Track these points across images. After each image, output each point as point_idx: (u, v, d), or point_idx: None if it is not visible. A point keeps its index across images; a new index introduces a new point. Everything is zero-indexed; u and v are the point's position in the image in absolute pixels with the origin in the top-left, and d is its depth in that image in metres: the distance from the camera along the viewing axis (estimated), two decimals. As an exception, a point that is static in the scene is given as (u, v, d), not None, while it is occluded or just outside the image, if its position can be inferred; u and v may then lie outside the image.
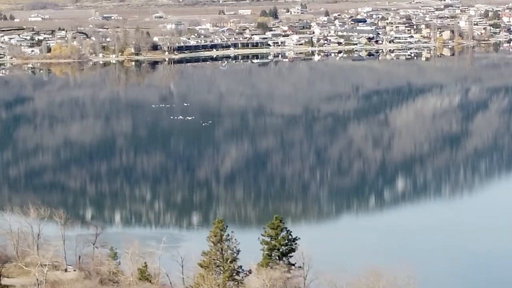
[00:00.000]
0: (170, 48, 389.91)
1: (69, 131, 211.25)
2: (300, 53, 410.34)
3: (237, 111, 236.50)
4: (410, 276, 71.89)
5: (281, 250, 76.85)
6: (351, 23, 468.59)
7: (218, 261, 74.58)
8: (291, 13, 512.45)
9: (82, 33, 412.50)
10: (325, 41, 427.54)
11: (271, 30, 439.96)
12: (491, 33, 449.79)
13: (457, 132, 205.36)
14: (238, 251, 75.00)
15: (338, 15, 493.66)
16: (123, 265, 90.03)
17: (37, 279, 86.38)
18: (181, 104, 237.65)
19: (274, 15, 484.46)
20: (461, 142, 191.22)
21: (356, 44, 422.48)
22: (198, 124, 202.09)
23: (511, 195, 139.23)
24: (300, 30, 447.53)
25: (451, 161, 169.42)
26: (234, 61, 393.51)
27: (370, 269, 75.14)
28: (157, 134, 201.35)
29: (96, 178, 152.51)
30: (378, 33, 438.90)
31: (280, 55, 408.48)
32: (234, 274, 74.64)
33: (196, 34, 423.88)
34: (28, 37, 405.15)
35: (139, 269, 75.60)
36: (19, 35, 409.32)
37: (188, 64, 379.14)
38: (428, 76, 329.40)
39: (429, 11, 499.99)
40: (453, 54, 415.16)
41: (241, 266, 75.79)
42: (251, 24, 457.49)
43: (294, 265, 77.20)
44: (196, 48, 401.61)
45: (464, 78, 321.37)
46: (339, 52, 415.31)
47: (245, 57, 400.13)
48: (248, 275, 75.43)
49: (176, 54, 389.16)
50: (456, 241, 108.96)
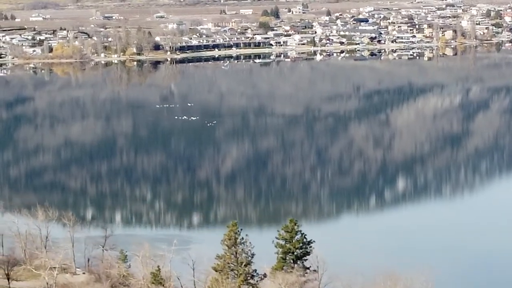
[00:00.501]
0: (172, 48, 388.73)
1: (72, 132, 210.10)
2: (302, 53, 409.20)
3: (240, 111, 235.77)
4: (428, 280, 70.63)
5: (296, 253, 75.72)
6: (353, 23, 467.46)
7: (233, 265, 73.47)
8: (293, 13, 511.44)
9: (84, 33, 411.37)
10: (327, 41, 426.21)
11: (273, 30, 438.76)
12: (494, 33, 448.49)
13: (458, 132, 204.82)
14: (253, 255, 73.86)
15: (340, 15, 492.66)
16: (133, 268, 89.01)
17: (47, 283, 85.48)
18: (185, 104, 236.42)
19: (276, 15, 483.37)
20: (462, 142, 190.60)
21: (359, 44, 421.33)
22: (203, 125, 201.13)
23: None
24: (302, 30, 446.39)
25: (452, 161, 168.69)
26: (236, 61, 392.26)
27: (386, 273, 74.03)
28: (163, 135, 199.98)
29: (103, 179, 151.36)
30: (381, 33, 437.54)
31: (282, 55, 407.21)
32: (249, 278, 73.53)
33: (198, 34, 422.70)
34: (30, 37, 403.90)
35: (152, 273, 74.46)
36: (21, 35, 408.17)
37: (190, 64, 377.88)
38: (430, 76, 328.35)
39: (431, 11, 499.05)
40: (456, 54, 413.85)
41: (256, 270, 74.66)
42: (253, 24, 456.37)
43: (309, 269, 76.08)
44: (198, 48, 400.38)
45: (466, 78, 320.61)
46: (341, 52, 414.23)
47: (247, 57, 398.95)
48: (263, 279, 74.30)
49: (178, 54, 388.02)
50: (470, 242, 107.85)
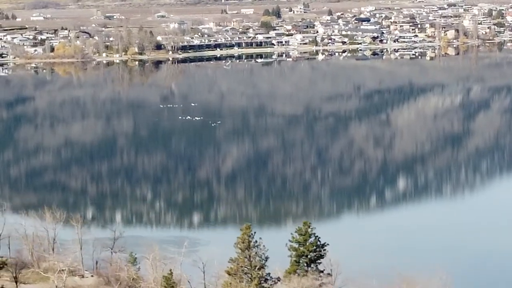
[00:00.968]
0: (174, 48, 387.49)
1: (76, 132, 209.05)
2: (304, 53, 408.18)
3: (243, 111, 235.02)
4: (446, 284, 69.50)
5: (310, 257, 74.54)
6: (355, 22, 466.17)
7: (246, 268, 72.21)
8: (294, 12, 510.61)
9: (85, 33, 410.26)
10: (329, 41, 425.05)
11: (275, 30, 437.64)
12: (496, 32, 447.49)
13: (459, 132, 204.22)
14: (267, 258, 72.65)
15: (341, 14, 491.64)
16: (143, 271, 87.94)
17: (56, 286, 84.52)
18: (188, 104, 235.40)
19: (277, 14, 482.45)
20: (463, 142, 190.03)
21: (361, 44, 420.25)
22: (208, 125, 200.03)
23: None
24: (304, 30, 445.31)
25: (453, 161, 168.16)
26: (238, 61, 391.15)
27: (401, 275, 72.95)
28: (169, 135, 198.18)
29: (110, 180, 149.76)
30: (383, 32, 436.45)
31: (284, 55, 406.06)
32: (262, 282, 72.35)
33: (200, 34, 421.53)
34: (31, 37, 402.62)
35: (164, 277, 73.20)
36: (22, 35, 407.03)
37: (192, 64, 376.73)
38: (431, 76, 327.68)
39: (432, 10, 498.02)
40: (458, 54, 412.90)
41: (269, 274, 73.47)
42: (255, 24, 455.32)
43: (323, 272, 74.94)
44: (200, 48, 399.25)
45: (467, 78, 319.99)
46: (344, 52, 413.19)
47: (249, 57, 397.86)
48: (277, 283, 73.14)
49: (180, 54, 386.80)
50: (485, 242, 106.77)
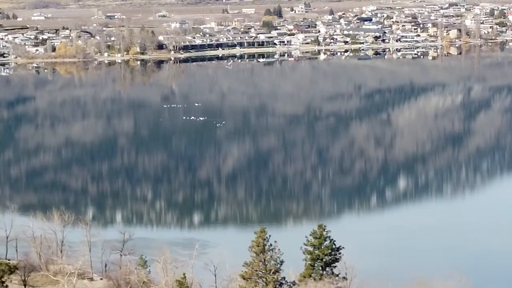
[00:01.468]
0: (176, 47, 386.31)
1: (81, 132, 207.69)
2: (306, 52, 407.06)
3: (247, 112, 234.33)
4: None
5: (325, 260, 73.52)
6: (357, 22, 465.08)
7: (261, 272, 71.21)
8: (295, 12, 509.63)
9: (87, 32, 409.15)
10: (331, 40, 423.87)
11: (277, 29, 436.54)
12: (498, 32, 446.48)
13: (460, 132, 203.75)
14: (282, 262, 71.66)
15: (343, 14, 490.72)
16: (153, 274, 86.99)
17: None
18: (192, 104, 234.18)
19: (279, 14, 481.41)
20: (464, 142, 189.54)
21: (363, 43, 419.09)
22: (212, 125, 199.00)
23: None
24: (306, 29, 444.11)
25: (454, 160, 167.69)
26: (240, 61, 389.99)
27: (418, 279, 71.97)
28: (174, 136, 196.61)
29: (118, 181, 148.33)
30: (385, 32, 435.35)
31: (286, 54, 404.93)
32: (278, 286, 71.36)
33: (201, 33, 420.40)
34: (32, 36, 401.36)
35: (178, 281, 72.15)
36: (23, 34, 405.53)
37: (194, 64, 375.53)
38: (432, 75, 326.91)
39: (434, 10, 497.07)
40: (460, 53, 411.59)
41: (284, 278, 72.50)
42: (256, 23, 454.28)
43: (338, 276, 73.93)
44: (202, 47, 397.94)
45: (468, 77, 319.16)
46: (346, 51, 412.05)
47: (251, 56, 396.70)
48: (292, 287, 72.16)
49: (182, 53, 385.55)
50: (502, 245, 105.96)
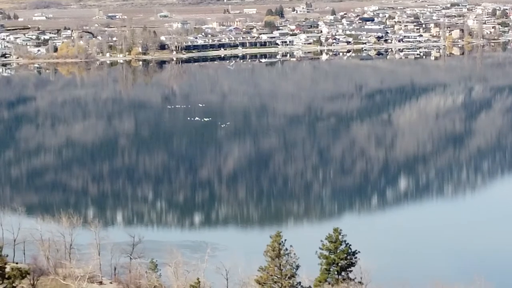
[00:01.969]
0: (178, 48, 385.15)
1: (87, 133, 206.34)
2: (309, 52, 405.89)
3: (251, 112, 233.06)
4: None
5: (340, 265, 72.42)
6: (359, 22, 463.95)
7: (276, 277, 70.07)
8: (297, 12, 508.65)
9: (88, 33, 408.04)
10: (334, 40, 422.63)
11: (279, 29, 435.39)
12: (501, 32, 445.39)
13: (461, 132, 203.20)
14: (298, 267, 70.51)
15: (345, 14, 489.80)
16: (164, 278, 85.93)
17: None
18: (196, 105, 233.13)
19: (280, 14, 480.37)
20: (465, 142, 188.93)
21: (365, 43, 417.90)
22: (217, 126, 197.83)
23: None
24: (308, 29, 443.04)
25: (455, 160, 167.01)
26: (242, 61, 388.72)
27: (437, 285, 70.88)
28: (180, 137, 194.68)
29: (126, 183, 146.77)
30: (387, 32, 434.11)
31: (289, 55, 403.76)
32: (293, 291, 70.33)
33: (203, 34, 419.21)
34: (34, 37, 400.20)
35: (192, 286, 71.07)
36: (25, 35, 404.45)
37: (196, 64, 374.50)
38: (434, 75, 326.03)
39: (436, 10, 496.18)
40: (463, 53, 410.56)
41: (300, 283, 71.40)
42: (258, 23, 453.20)
43: (354, 280, 72.86)
44: (204, 48, 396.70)
45: (470, 78, 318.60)
46: (348, 52, 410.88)
47: (253, 57, 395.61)
48: (308, 292, 71.19)
49: (184, 54, 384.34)
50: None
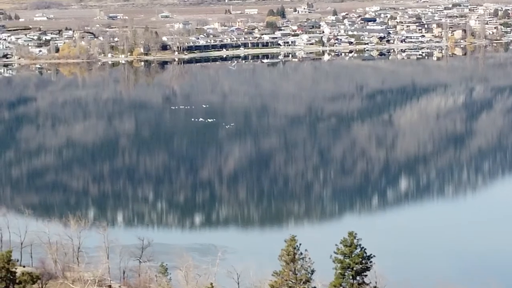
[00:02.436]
0: (180, 48, 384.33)
1: (89, 135, 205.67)
2: (311, 53, 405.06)
3: (254, 113, 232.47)
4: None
5: (355, 269, 71.29)
6: (361, 23, 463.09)
7: (291, 282, 68.98)
8: (298, 12, 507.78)
9: (90, 33, 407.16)
10: (336, 41, 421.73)
11: (280, 30, 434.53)
12: (503, 32, 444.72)
13: (462, 132, 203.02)
14: (313, 271, 69.41)
15: (346, 14, 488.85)
16: (174, 282, 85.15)
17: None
18: (199, 106, 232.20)
19: (282, 15, 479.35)
20: (466, 142, 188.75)
21: (368, 44, 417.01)
22: (222, 127, 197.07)
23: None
24: (310, 30, 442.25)
25: (456, 161, 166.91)
26: (244, 61, 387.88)
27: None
28: (185, 138, 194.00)
29: (133, 185, 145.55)
30: (389, 33, 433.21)
31: (291, 55, 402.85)
32: (308, 296, 69.22)
33: (205, 34, 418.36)
34: (35, 37, 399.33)
35: (205, 290, 70.16)
36: (26, 35, 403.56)
37: (198, 64, 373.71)
38: (435, 76, 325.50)
39: (438, 10, 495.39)
40: (465, 54, 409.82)
41: (315, 287, 70.33)
42: (260, 24, 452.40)
43: (369, 285, 71.76)
44: (206, 48, 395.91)
45: (471, 78, 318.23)
46: (350, 52, 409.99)
47: (255, 57, 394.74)
48: (323, 297, 70.15)
49: (186, 54, 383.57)
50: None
